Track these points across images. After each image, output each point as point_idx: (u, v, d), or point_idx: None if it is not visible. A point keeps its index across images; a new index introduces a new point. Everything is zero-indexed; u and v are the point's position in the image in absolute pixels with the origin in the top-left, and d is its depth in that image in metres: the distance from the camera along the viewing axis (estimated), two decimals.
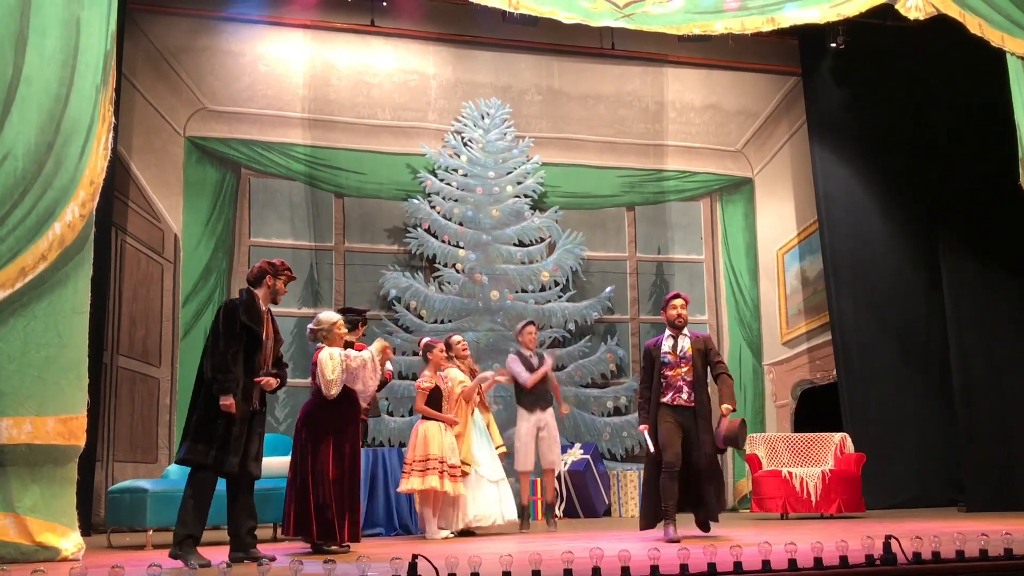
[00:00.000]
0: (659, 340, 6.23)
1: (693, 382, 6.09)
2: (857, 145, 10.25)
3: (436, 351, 7.08)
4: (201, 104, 9.39)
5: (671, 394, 6.08)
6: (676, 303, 6.19)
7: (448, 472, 6.71)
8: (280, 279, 5.56)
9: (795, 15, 7.87)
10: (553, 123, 10.39)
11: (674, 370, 6.10)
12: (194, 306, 9.10)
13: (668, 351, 6.13)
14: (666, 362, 6.13)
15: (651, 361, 6.20)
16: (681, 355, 6.10)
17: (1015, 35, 8.08)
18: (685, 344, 6.13)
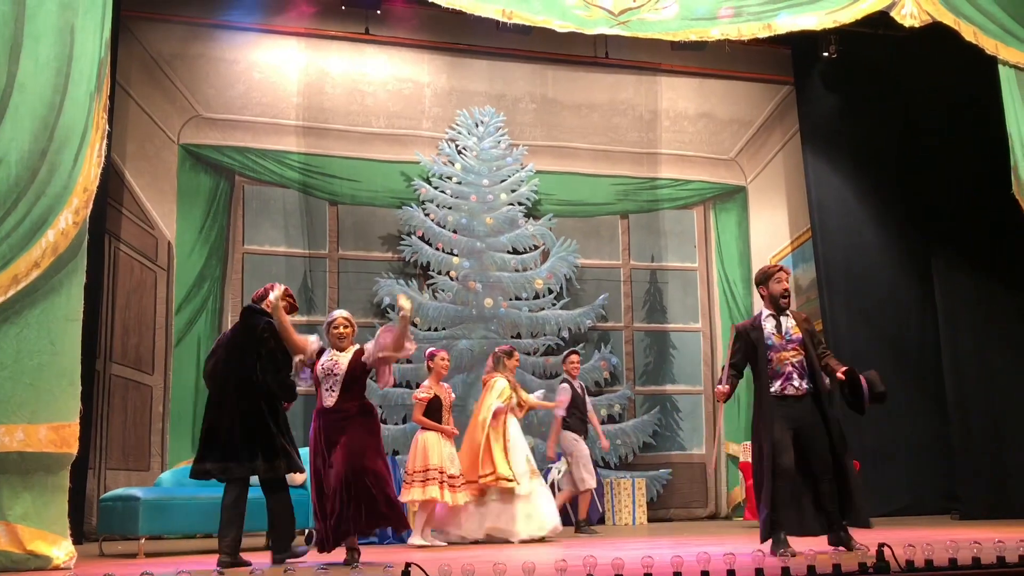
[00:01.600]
0: (756, 320, 5.34)
1: (805, 367, 5.18)
2: (850, 154, 10.29)
3: (438, 360, 7.08)
4: (195, 111, 9.39)
5: (779, 383, 5.16)
6: (782, 276, 5.31)
7: (448, 483, 6.69)
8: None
9: (791, 22, 7.89)
10: (547, 131, 10.41)
11: (779, 353, 5.18)
12: (187, 314, 9.08)
13: (772, 332, 5.23)
14: (771, 344, 5.21)
15: (749, 344, 5.27)
16: (787, 336, 5.21)
17: (1009, 44, 8.12)
18: (790, 324, 5.24)
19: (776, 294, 5.24)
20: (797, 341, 5.18)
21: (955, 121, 9.35)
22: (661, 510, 9.88)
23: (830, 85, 10.46)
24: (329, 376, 5.22)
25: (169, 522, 6.59)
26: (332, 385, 5.21)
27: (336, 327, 5.34)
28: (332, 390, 5.21)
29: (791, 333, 5.20)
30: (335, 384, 5.21)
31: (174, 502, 6.60)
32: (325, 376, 5.22)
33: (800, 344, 5.18)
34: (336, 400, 5.18)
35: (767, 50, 10.34)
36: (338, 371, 5.22)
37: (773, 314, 5.26)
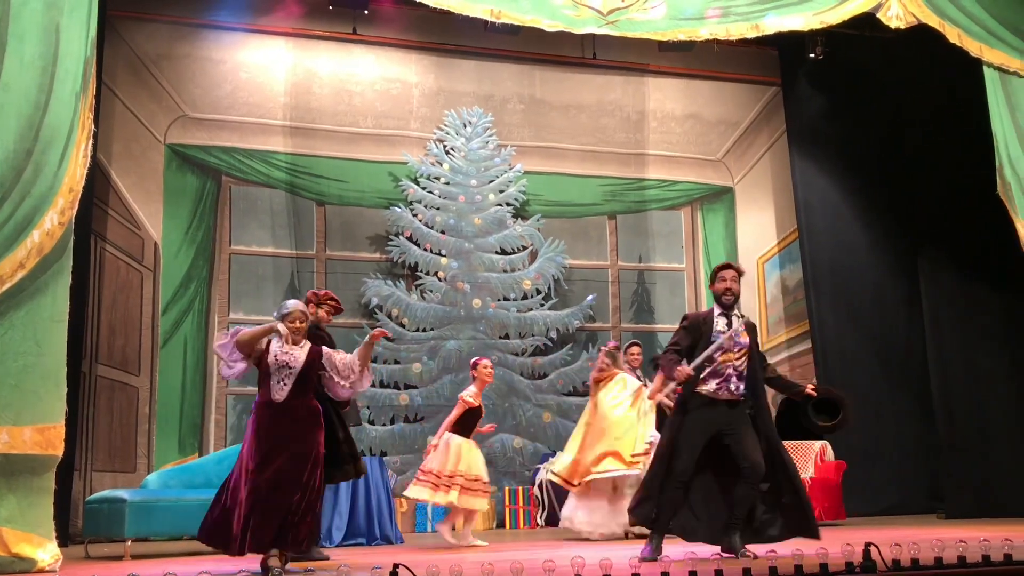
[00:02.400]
0: (709, 315, 5.16)
1: (747, 373, 5.03)
2: (836, 155, 10.33)
3: (481, 368, 6.93)
4: (181, 111, 9.35)
5: (717, 383, 4.98)
6: (727, 275, 5.15)
7: (467, 488, 6.61)
8: (323, 308, 6.12)
9: (778, 22, 7.91)
10: (535, 132, 10.41)
11: (725, 354, 5.01)
12: (174, 314, 9.04)
13: (722, 331, 5.04)
14: (715, 340, 5.04)
15: (697, 335, 5.08)
16: (736, 338, 5.04)
17: (993, 46, 8.17)
18: (740, 326, 5.08)
19: (717, 292, 5.13)
20: (744, 346, 5.05)
21: (941, 122, 9.40)
22: None
23: (817, 86, 10.50)
24: (283, 368, 4.81)
25: (155, 524, 6.55)
26: (284, 378, 4.80)
27: (293, 321, 4.91)
28: (284, 383, 4.79)
29: (739, 336, 5.06)
30: (288, 378, 4.81)
31: (160, 504, 6.56)
32: (277, 368, 4.80)
33: (747, 349, 5.05)
34: (287, 395, 4.78)
35: (754, 51, 10.37)
36: (294, 364, 4.81)
37: (724, 313, 5.11)
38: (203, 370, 9.05)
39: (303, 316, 4.93)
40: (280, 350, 4.83)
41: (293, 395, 4.78)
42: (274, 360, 4.81)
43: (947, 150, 9.32)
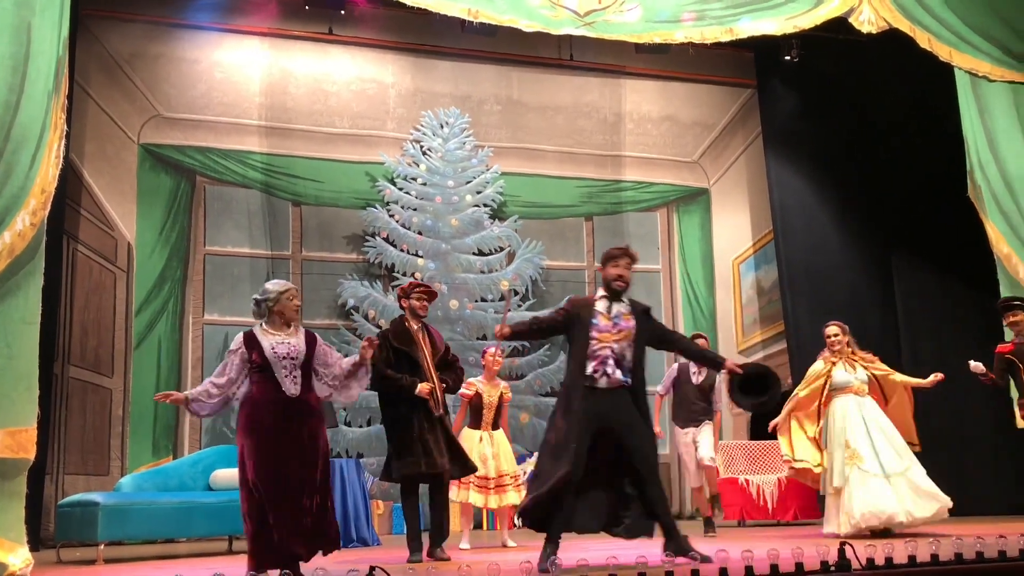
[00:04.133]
0: (591, 299, 4.93)
1: (625, 358, 4.79)
2: (811, 156, 10.40)
3: (488, 356, 6.83)
4: (156, 111, 9.27)
5: (594, 365, 4.72)
6: (622, 262, 4.91)
7: (475, 484, 6.51)
8: (412, 297, 5.99)
9: (752, 26, 7.98)
10: (512, 133, 10.42)
11: (602, 334, 4.76)
12: (147, 315, 8.96)
13: (602, 312, 4.82)
14: (595, 323, 4.77)
15: (572, 318, 4.84)
16: (616, 320, 4.81)
17: (962, 50, 8.28)
18: (622, 309, 4.86)
19: (609, 278, 4.87)
20: (625, 328, 4.79)
21: (914, 124, 9.49)
22: None
23: (792, 88, 10.56)
24: (286, 360, 4.40)
25: (129, 528, 6.49)
26: (291, 370, 4.40)
27: (291, 298, 4.52)
28: (293, 376, 4.40)
29: (620, 318, 4.81)
30: (295, 369, 4.41)
31: (134, 507, 6.49)
32: (279, 360, 4.38)
33: (627, 333, 4.79)
34: (300, 388, 4.41)
35: (730, 54, 10.43)
36: (296, 355, 4.42)
37: (607, 296, 4.87)
38: (177, 371, 8.98)
39: (298, 292, 4.63)
40: (275, 341, 4.43)
41: (305, 389, 4.43)
42: (272, 353, 4.39)
43: (919, 152, 9.42)
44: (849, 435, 6.35)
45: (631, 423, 4.74)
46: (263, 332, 4.48)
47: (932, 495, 6.20)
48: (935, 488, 6.23)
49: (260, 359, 4.39)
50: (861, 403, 6.47)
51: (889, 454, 6.26)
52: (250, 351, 4.42)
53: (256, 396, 4.39)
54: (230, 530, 6.86)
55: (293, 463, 4.32)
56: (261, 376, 4.39)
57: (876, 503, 6.06)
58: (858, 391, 6.52)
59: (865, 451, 6.27)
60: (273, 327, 4.50)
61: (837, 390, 6.57)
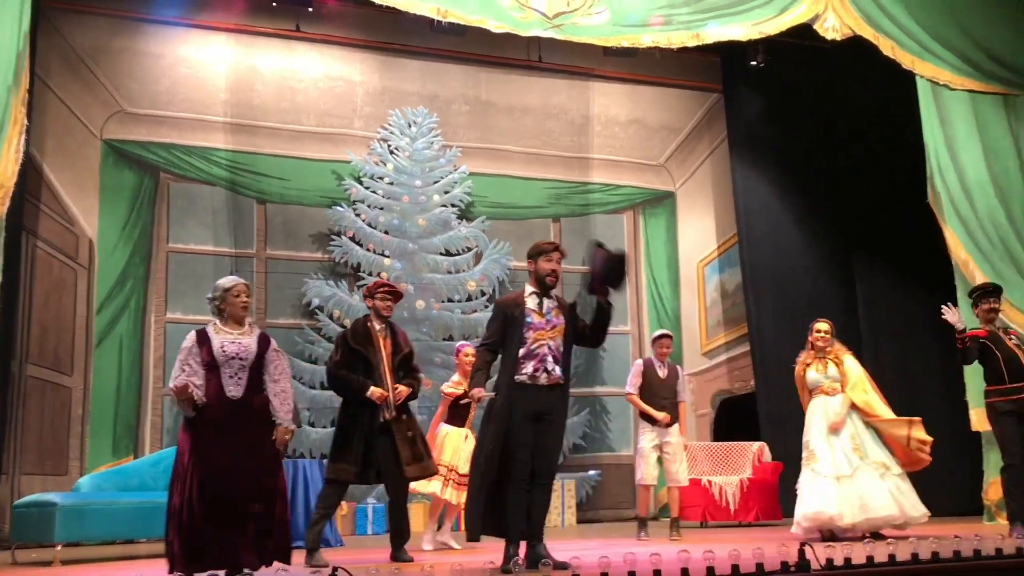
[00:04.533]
0: (519, 297, 4.88)
1: (561, 353, 4.78)
2: (776, 161, 10.51)
3: (462, 355, 6.78)
4: (119, 106, 9.15)
5: (533, 365, 4.69)
6: (555, 256, 4.90)
7: (456, 481, 6.46)
8: (376, 297, 5.93)
9: (719, 32, 8.07)
10: (480, 133, 10.41)
11: (537, 332, 4.74)
12: (109, 313, 8.84)
13: (534, 309, 4.79)
14: (530, 322, 4.75)
15: (508, 321, 4.77)
16: (548, 316, 4.80)
17: (925, 59, 8.43)
18: (552, 304, 4.86)
19: (542, 273, 4.84)
20: (558, 324, 4.80)
21: (877, 130, 9.63)
22: (590, 511, 9.95)
23: (757, 93, 10.67)
24: (233, 360, 4.32)
25: (87, 529, 6.39)
26: (237, 371, 4.31)
27: (238, 295, 4.42)
28: (238, 378, 4.31)
29: (552, 314, 4.81)
30: (241, 370, 4.32)
31: (93, 508, 6.40)
32: (227, 360, 4.30)
33: (560, 328, 4.79)
34: (244, 390, 4.31)
35: (696, 58, 10.50)
36: (245, 355, 4.35)
37: (537, 292, 4.85)
38: (139, 370, 8.86)
39: (247, 290, 4.50)
40: (225, 340, 4.35)
41: (250, 391, 4.34)
42: (221, 352, 4.32)
43: (882, 158, 9.56)
44: (811, 435, 6.41)
45: (559, 424, 4.75)
46: (216, 330, 4.42)
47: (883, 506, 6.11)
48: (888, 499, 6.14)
49: (208, 357, 4.31)
50: (828, 402, 6.49)
51: (842, 456, 6.25)
52: (200, 348, 4.34)
53: (203, 395, 4.30)
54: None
55: (233, 467, 4.20)
56: (208, 375, 4.31)
57: (819, 505, 6.10)
58: (828, 391, 6.53)
59: (821, 452, 6.31)
60: (226, 325, 4.43)
61: (814, 390, 6.62)
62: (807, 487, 6.27)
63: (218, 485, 4.17)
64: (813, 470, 6.28)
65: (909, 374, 9.31)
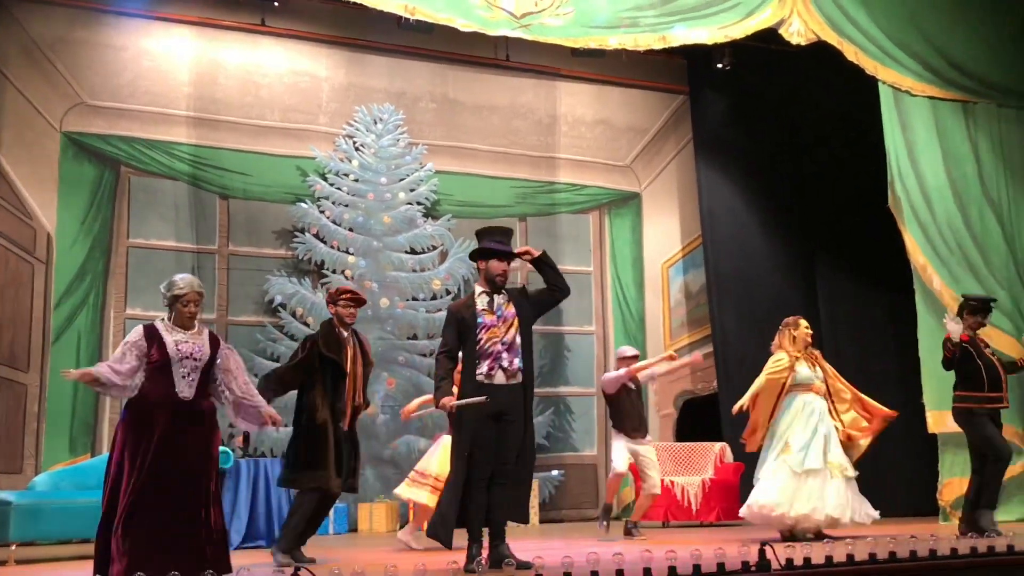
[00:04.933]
0: (470, 299, 4.92)
1: (518, 347, 4.79)
2: (740, 163, 10.61)
3: None
4: (79, 99, 8.99)
5: (488, 363, 4.72)
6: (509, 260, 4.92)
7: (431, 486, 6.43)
8: (339, 304, 5.85)
9: (685, 35, 8.12)
10: (447, 131, 10.38)
11: (490, 330, 4.77)
12: (67, 309, 8.69)
13: (484, 308, 4.82)
14: (481, 322, 4.77)
15: (462, 324, 4.80)
16: (499, 312, 4.83)
17: (887, 65, 8.55)
18: (502, 300, 4.87)
19: (494, 273, 4.86)
20: (509, 318, 4.80)
21: (840, 134, 9.76)
22: (553, 511, 9.97)
23: (723, 96, 10.75)
24: (187, 360, 4.22)
25: (43, 527, 6.29)
26: (190, 372, 4.21)
27: (187, 304, 4.31)
28: (190, 379, 4.21)
29: (503, 309, 4.82)
30: (193, 371, 4.22)
31: (49, 506, 6.30)
32: (181, 360, 4.20)
33: (512, 321, 4.79)
34: (195, 392, 4.22)
35: (663, 60, 10.56)
36: (199, 356, 4.26)
37: (487, 291, 4.87)
38: None
39: (198, 298, 4.37)
40: (178, 338, 4.25)
41: (200, 393, 4.26)
42: (175, 350, 4.21)
43: (844, 161, 9.69)
44: (792, 429, 6.40)
45: (519, 423, 4.74)
46: (167, 327, 4.31)
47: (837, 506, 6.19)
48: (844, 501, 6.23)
49: (159, 355, 4.20)
50: (815, 401, 6.50)
51: (815, 453, 6.28)
52: (149, 345, 4.22)
53: (147, 394, 4.18)
54: None
55: (178, 471, 4.09)
56: (156, 374, 4.19)
57: (776, 497, 6.17)
58: (817, 390, 6.57)
59: (797, 445, 6.32)
60: (177, 324, 4.34)
61: (799, 386, 6.57)
62: (770, 477, 6.32)
63: (160, 491, 4.03)
64: (785, 461, 6.29)
65: (868, 375, 9.40)
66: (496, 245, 4.92)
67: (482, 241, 4.97)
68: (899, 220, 8.46)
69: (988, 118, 8.88)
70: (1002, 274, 8.52)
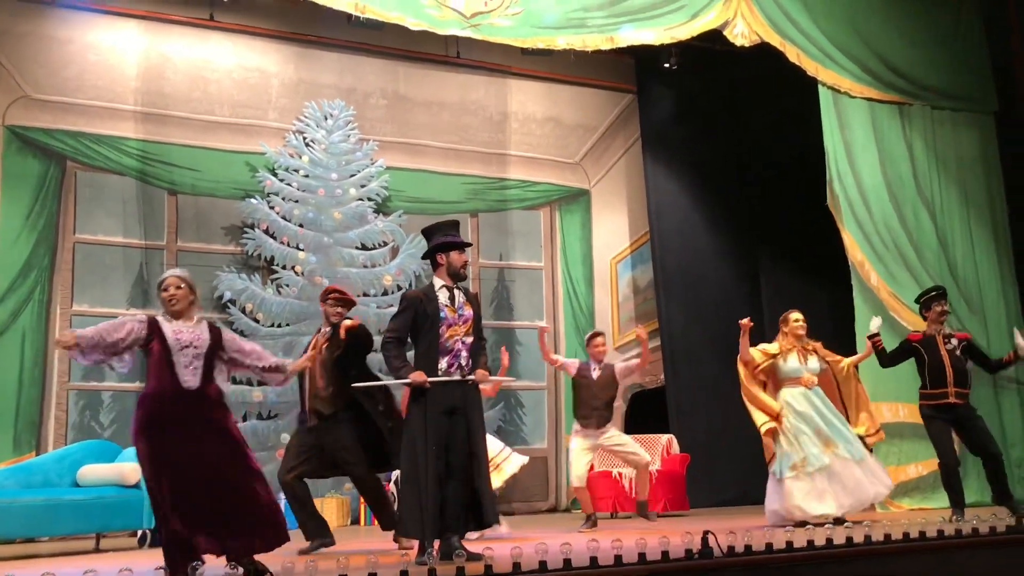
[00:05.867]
0: (430, 290, 4.84)
1: (473, 349, 4.81)
2: (687, 161, 10.79)
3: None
4: (23, 92, 8.85)
5: (447, 360, 4.71)
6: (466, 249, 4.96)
7: None
8: (327, 303, 5.99)
9: (632, 36, 8.25)
10: (398, 128, 10.40)
11: (452, 328, 4.75)
12: (11, 304, 8.55)
13: (446, 304, 4.78)
14: (444, 317, 4.73)
15: (420, 314, 4.74)
16: (460, 311, 4.80)
17: (827, 66, 8.78)
18: (462, 299, 4.85)
19: (456, 265, 4.84)
20: (468, 318, 4.81)
21: (783, 133, 9.97)
22: (503, 504, 10.05)
23: (670, 95, 10.93)
24: (188, 349, 4.22)
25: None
26: (192, 360, 4.21)
27: (165, 289, 4.29)
28: (194, 367, 4.20)
29: (463, 308, 4.82)
30: (196, 359, 4.21)
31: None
32: (181, 349, 4.20)
33: (470, 322, 4.82)
34: (200, 379, 4.21)
35: (612, 59, 10.70)
36: (199, 344, 4.25)
37: (447, 285, 4.84)
38: (42, 364, 8.61)
39: (177, 282, 4.31)
40: (178, 327, 4.25)
41: (207, 380, 4.24)
42: (175, 340, 4.20)
43: (786, 160, 9.92)
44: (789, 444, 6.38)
45: (471, 417, 4.76)
46: (168, 319, 4.30)
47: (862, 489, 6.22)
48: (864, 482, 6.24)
49: (160, 347, 4.19)
50: (809, 395, 6.48)
51: (816, 449, 6.28)
52: (150, 335, 4.20)
53: (155, 391, 4.17)
54: (98, 528, 6.67)
55: (203, 457, 4.09)
56: (160, 367, 4.18)
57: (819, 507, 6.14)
58: (807, 382, 6.52)
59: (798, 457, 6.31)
60: (171, 315, 4.31)
61: (787, 379, 6.56)
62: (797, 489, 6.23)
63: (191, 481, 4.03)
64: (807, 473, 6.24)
65: None
66: (453, 238, 4.92)
67: (437, 236, 4.94)
68: (837, 218, 8.70)
69: (922, 120, 9.16)
70: (935, 270, 8.80)
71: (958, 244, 9.06)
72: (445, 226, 5.01)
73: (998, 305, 9.01)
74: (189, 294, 4.32)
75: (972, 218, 9.18)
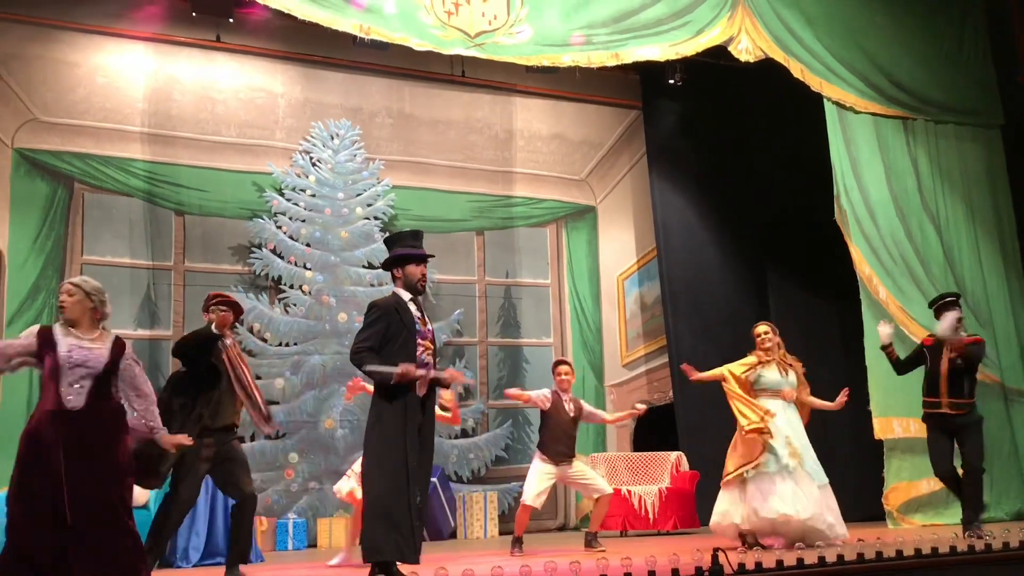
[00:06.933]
0: (400, 301, 4.76)
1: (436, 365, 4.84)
2: (693, 177, 10.80)
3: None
4: (32, 115, 8.92)
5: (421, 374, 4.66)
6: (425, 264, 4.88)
7: None
8: (211, 312, 5.49)
9: (637, 52, 8.28)
10: (403, 146, 10.44)
11: (424, 340, 4.71)
12: (19, 326, 8.55)
13: (418, 317, 4.72)
14: (418, 330, 4.69)
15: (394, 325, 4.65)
16: (428, 325, 4.84)
17: (832, 82, 8.80)
18: (420, 315, 4.81)
19: (415, 278, 4.80)
20: (429, 335, 4.79)
21: (788, 148, 9.98)
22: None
23: (676, 111, 10.95)
24: (77, 368, 3.96)
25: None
26: (79, 380, 3.95)
27: (59, 294, 4.10)
28: (79, 387, 3.94)
29: (427, 323, 4.83)
30: (85, 379, 3.96)
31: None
32: (70, 367, 3.94)
33: (431, 336, 4.80)
34: (86, 400, 3.94)
35: (617, 75, 10.73)
36: (93, 364, 3.99)
37: (413, 298, 4.80)
38: None
39: (71, 288, 4.10)
40: (72, 343, 4.00)
41: (93, 398, 3.97)
42: (67, 356, 3.96)
43: (793, 175, 9.92)
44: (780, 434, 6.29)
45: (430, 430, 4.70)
46: (66, 331, 4.06)
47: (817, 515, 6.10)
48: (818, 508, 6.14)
49: (51, 362, 3.96)
50: (786, 408, 6.43)
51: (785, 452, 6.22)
52: (41, 350, 4.00)
53: (39, 408, 3.98)
54: None
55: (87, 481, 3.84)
56: (49, 382, 3.97)
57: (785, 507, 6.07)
58: (787, 396, 6.45)
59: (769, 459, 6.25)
60: (76, 328, 4.07)
61: (767, 391, 6.46)
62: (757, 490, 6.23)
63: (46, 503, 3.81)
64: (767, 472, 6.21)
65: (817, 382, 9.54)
66: (412, 250, 4.82)
67: (396, 247, 4.85)
68: (845, 232, 8.69)
69: (926, 134, 9.18)
70: (941, 283, 8.78)
71: (965, 258, 9.05)
72: (405, 236, 4.94)
73: (1007, 319, 8.98)
74: (84, 301, 4.08)
75: (979, 232, 9.17)
